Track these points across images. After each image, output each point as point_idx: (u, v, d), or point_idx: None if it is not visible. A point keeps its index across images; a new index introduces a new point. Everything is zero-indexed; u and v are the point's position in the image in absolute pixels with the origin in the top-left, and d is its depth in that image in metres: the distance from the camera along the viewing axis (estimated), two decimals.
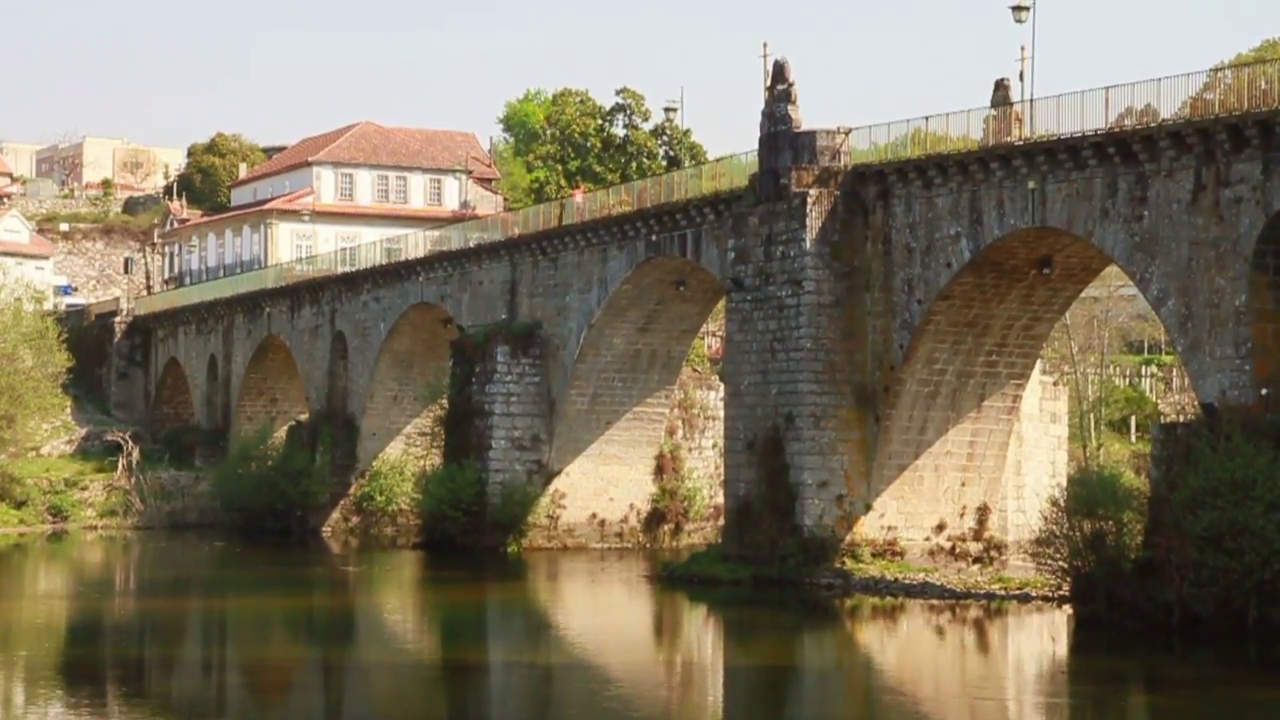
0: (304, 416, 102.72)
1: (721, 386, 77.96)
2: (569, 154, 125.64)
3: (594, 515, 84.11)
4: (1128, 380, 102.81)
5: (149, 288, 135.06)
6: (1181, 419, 67.13)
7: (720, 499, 76.17)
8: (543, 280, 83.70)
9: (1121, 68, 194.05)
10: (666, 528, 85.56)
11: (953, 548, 66.07)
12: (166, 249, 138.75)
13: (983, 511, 66.76)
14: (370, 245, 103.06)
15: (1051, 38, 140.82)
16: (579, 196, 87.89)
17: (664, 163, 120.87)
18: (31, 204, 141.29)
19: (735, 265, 68.08)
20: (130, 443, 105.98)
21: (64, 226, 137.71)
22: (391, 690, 44.57)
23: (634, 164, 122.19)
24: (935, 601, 60.32)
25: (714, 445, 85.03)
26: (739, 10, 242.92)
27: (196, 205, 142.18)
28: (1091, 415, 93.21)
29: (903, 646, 54.06)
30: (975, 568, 65.25)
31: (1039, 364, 70.28)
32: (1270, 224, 52.49)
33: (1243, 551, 49.07)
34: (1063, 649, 53.13)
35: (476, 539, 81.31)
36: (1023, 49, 64.79)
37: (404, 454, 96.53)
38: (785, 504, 64.68)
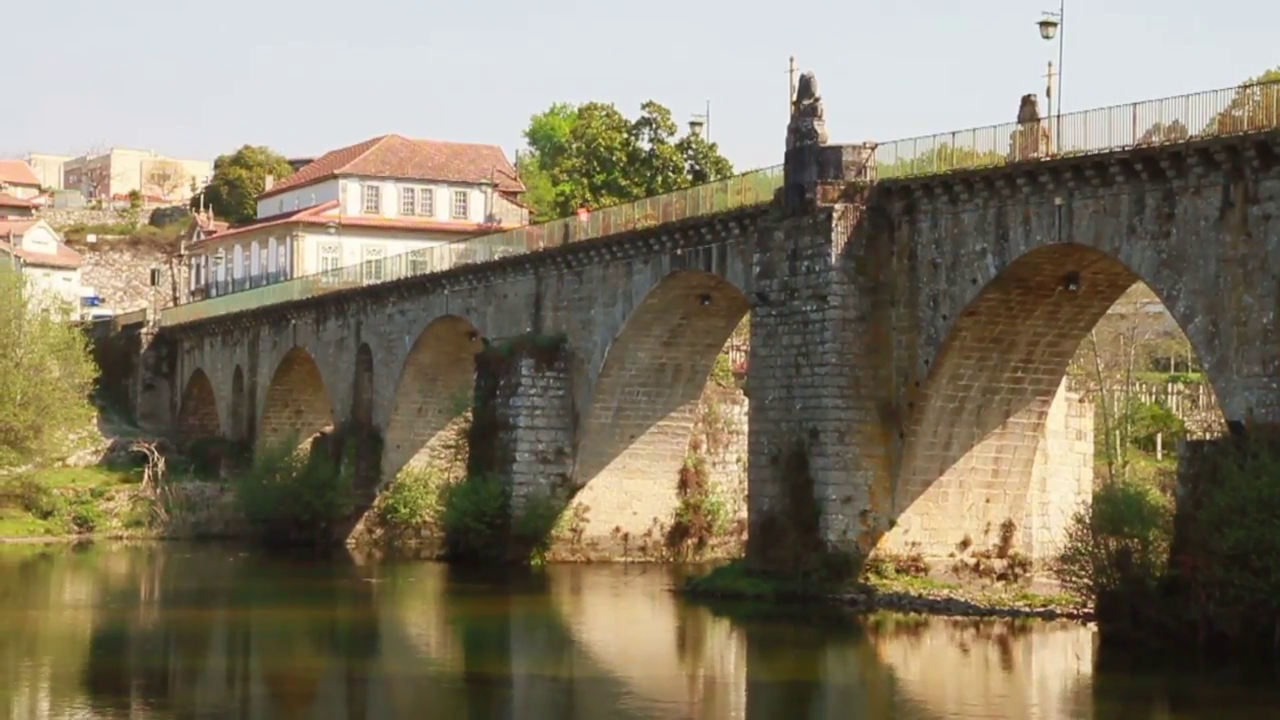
0: (329, 428, 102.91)
1: (746, 401, 77.89)
2: (594, 168, 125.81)
3: (617, 529, 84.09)
4: (1154, 397, 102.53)
5: (175, 299, 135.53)
6: (1208, 437, 66.94)
7: (744, 514, 76.11)
8: (567, 293, 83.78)
9: (1149, 84, 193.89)
10: (690, 542, 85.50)
11: (977, 564, 65.91)
12: (193, 260, 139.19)
13: (1007, 528, 66.58)
14: (395, 258, 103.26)
15: (1079, 54, 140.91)
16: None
17: (689, 177, 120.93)
18: (59, 215, 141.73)
19: (760, 280, 68.08)
20: (156, 453, 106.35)
21: (91, 238, 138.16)
22: (414, 703, 44.61)
23: (659, 178, 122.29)
24: (959, 618, 60.16)
25: (738, 460, 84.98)
26: (765, 25, 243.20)
27: (223, 217, 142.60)
28: (1117, 432, 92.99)
29: (926, 663, 53.91)
30: (1000, 584, 65.06)
31: (1065, 381, 70.11)
32: None
33: (1269, 570, 48.86)
34: (1087, 667, 52.95)
35: (500, 552, 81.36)
36: (1050, 65, 64.80)
37: (428, 466, 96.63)
38: (809, 519, 64.59)
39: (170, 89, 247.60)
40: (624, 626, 64.67)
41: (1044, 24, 64.76)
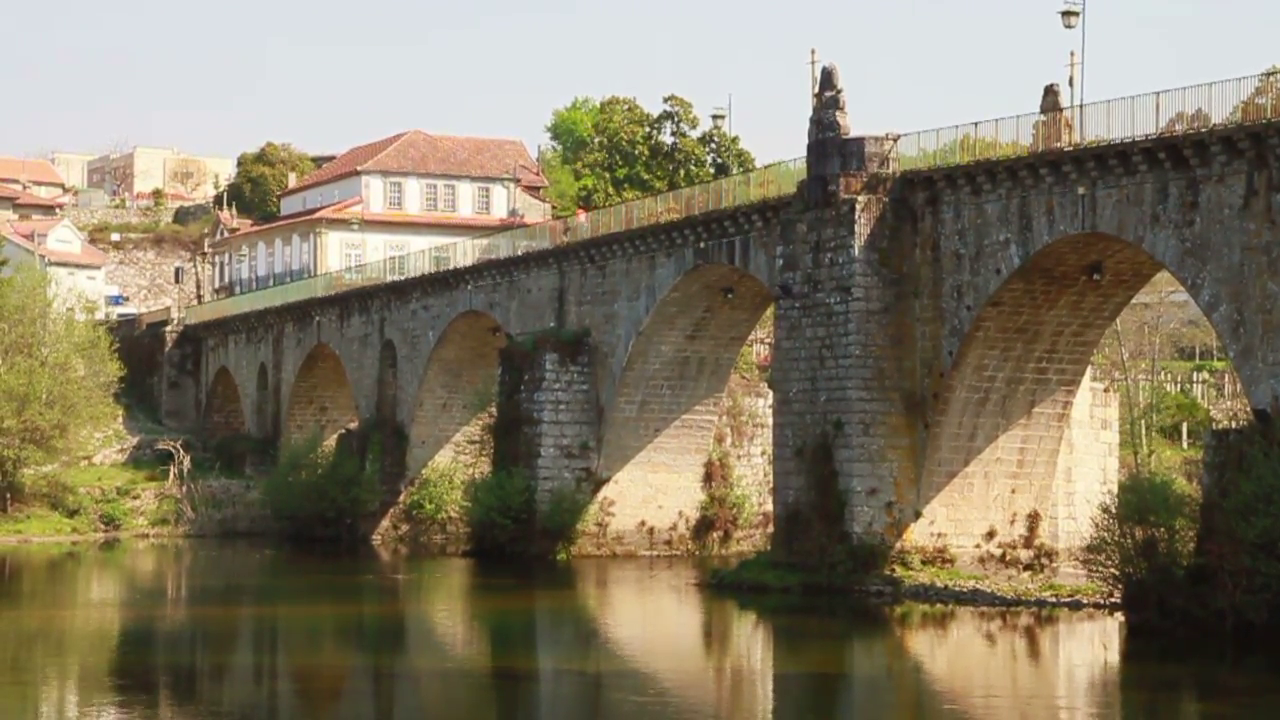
0: (353, 425, 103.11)
1: (770, 394, 77.88)
2: (617, 162, 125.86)
3: (643, 523, 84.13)
4: (1179, 386, 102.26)
5: (199, 297, 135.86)
6: (1234, 425, 66.71)
7: (769, 506, 76.12)
8: (591, 288, 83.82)
9: (1172, 72, 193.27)
10: (715, 535, 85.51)
11: (1003, 555, 65.81)
12: (217, 258, 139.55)
13: (1033, 518, 66.48)
14: (419, 254, 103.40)
15: (1101, 43, 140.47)
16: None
17: (712, 170, 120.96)
18: (83, 214, 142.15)
19: (784, 272, 68.03)
20: (181, 451, 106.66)
21: (115, 236, 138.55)
22: (441, 698, 44.70)
23: (682, 171, 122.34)
24: (985, 609, 60.12)
25: (763, 452, 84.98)
26: (787, 17, 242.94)
27: (246, 215, 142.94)
28: (1143, 422, 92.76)
29: (953, 654, 53.88)
30: (1026, 575, 65.00)
31: (1089, 370, 69.95)
32: None
33: None
34: (1114, 656, 52.88)
35: (525, 546, 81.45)
36: (1072, 54, 64.61)
37: (453, 462, 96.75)
38: (834, 511, 64.56)
39: (192, 87, 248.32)
40: (650, 620, 64.73)
41: (1066, 13, 64.58)
